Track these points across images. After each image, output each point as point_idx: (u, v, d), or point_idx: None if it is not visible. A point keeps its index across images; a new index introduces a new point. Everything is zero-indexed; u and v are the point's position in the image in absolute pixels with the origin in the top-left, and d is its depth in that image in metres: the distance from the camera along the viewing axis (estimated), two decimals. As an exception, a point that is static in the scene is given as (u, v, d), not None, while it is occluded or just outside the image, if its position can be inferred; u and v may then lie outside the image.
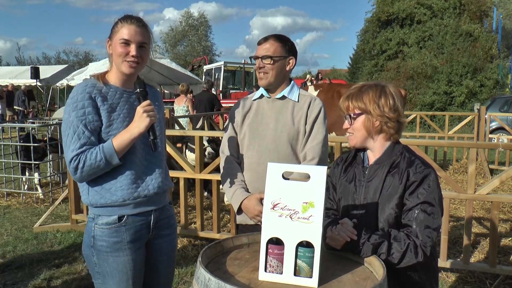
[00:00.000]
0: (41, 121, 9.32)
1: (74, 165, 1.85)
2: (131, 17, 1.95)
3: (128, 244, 1.95)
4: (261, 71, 2.29)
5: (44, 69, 21.23)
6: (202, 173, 4.50)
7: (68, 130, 1.87)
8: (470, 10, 22.79)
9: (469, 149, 3.88)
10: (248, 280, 1.48)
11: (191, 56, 39.77)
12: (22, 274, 4.01)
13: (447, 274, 3.90)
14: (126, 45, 1.90)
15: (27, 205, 6.50)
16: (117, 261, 1.94)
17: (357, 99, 1.82)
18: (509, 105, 12.43)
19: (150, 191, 1.98)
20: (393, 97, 1.80)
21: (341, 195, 1.92)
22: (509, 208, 5.86)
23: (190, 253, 4.46)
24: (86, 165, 1.85)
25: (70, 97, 1.91)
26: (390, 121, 1.79)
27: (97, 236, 1.94)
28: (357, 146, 1.88)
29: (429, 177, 1.74)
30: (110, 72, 2.00)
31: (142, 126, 1.88)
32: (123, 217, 1.94)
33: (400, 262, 1.66)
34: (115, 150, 1.87)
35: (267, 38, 2.30)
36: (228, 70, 19.01)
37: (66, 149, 1.88)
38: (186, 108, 9.28)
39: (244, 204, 2.25)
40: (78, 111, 1.87)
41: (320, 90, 8.43)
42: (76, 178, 1.90)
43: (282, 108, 2.33)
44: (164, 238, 2.11)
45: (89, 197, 1.94)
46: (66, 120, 1.89)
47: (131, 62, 1.92)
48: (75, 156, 1.85)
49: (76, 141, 1.85)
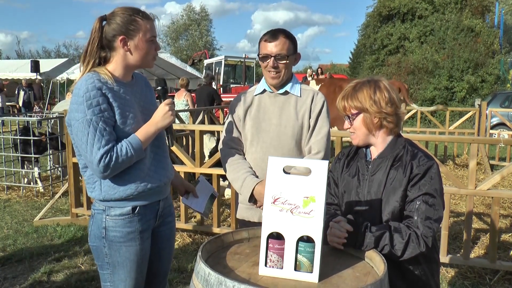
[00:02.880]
0: (41, 115, 9.31)
1: (105, 163, 1.82)
2: (147, 13, 1.97)
3: (140, 233, 1.99)
4: (274, 70, 2.23)
5: (44, 62, 21.18)
6: (202, 167, 4.50)
7: (87, 128, 1.81)
8: (472, 5, 22.69)
9: (470, 144, 3.87)
10: (248, 275, 1.47)
11: (192, 50, 39.69)
12: (22, 267, 4.02)
13: (447, 269, 3.90)
14: (153, 42, 1.96)
15: (27, 198, 6.50)
16: (130, 251, 1.97)
17: (352, 99, 1.82)
18: (510, 100, 12.41)
19: (161, 182, 2.03)
20: (388, 90, 1.80)
21: (344, 190, 1.92)
22: (509, 203, 5.86)
23: (189, 248, 4.46)
24: (118, 162, 1.84)
25: (79, 95, 1.83)
26: (389, 116, 1.79)
27: (110, 227, 1.95)
28: (360, 144, 1.88)
29: (432, 169, 1.74)
30: (111, 66, 1.96)
31: (166, 122, 1.97)
32: (136, 207, 1.97)
33: (404, 254, 1.66)
34: (142, 144, 1.91)
35: (276, 35, 2.22)
36: (228, 64, 18.95)
37: (90, 148, 1.81)
38: (186, 102, 9.26)
39: (256, 190, 2.21)
40: (94, 108, 1.82)
41: (322, 84, 8.40)
42: (106, 175, 1.86)
43: (285, 103, 2.32)
44: (168, 225, 2.18)
45: (102, 192, 1.93)
46: (82, 118, 1.82)
47: (155, 56, 2.01)
48: (105, 154, 1.82)
49: (100, 139, 1.82)
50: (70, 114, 1.87)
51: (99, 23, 1.92)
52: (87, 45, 1.94)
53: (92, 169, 1.87)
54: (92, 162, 1.83)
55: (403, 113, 1.84)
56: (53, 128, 7.44)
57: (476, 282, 3.72)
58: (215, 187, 4.48)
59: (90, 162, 1.84)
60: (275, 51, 2.21)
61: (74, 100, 1.86)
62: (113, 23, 1.91)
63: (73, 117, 1.85)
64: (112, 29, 1.91)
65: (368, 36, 26.29)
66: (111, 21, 1.91)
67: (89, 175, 1.96)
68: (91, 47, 1.92)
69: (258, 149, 2.32)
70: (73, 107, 1.86)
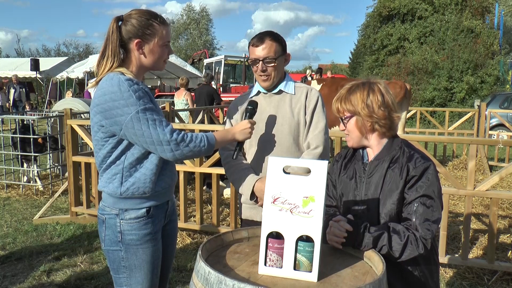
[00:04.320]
0: (41, 113, 9.31)
1: (179, 137, 1.86)
2: (162, 17, 2.00)
3: (155, 234, 2.02)
4: (263, 74, 2.26)
5: (44, 61, 21.15)
6: (202, 167, 4.50)
7: (145, 116, 1.83)
8: (472, 6, 22.69)
9: (469, 145, 3.88)
10: (248, 274, 1.48)
11: (191, 49, 39.69)
12: (22, 266, 4.02)
13: (445, 270, 3.91)
14: (167, 46, 2.01)
15: (26, 197, 6.50)
16: (146, 253, 1.99)
17: (345, 102, 1.82)
18: (509, 101, 12.40)
19: (172, 181, 2.08)
20: (382, 93, 1.79)
21: (342, 192, 1.92)
22: (507, 204, 5.87)
23: (189, 247, 4.47)
24: (191, 144, 1.89)
25: (121, 91, 1.83)
26: (380, 120, 1.78)
27: (125, 230, 1.96)
28: (355, 146, 1.89)
29: (428, 170, 1.74)
30: (128, 66, 1.98)
31: (241, 137, 2.14)
32: (150, 209, 1.99)
33: (402, 255, 1.66)
34: (216, 142, 2.00)
35: (262, 39, 2.25)
36: (228, 64, 18.92)
37: (154, 130, 1.83)
38: (186, 102, 9.27)
39: (257, 186, 2.22)
40: (143, 98, 1.86)
41: (323, 84, 8.38)
42: (176, 153, 1.87)
43: (280, 101, 2.34)
44: (172, 224, 2.22)
45: (121, 186, 1.93)
46: (136, 110, 1.82)
47: (167, 60, 2.06)
48: (176, 130, 1.87)
49: (163, 121, 1.87)
50: (116, 115, 1.84)
51: (115, 23, 1.94)
52: (106, 45, 1.94)
53: (162, 150, 1.86)
54: (162, 140, 1.84)
55: (397, 116, 1.82)
56: (52, 127, 7.42)
57: (474, 282, 3.73)
58: (214, 186, 4.48)
59: (159, 142, 1.84)
60: (263, 54, 2.23)
61: (116, 97, 1.83)
62: (129, 25, 1.93)
63: (121, 114, 1.83)
64: (128, 31, 1.93)
65: (368, 36, 26.29)
66: (127, 23, 1.94)
67: (111, 167, 1.94)
68: (112, 46, 1.92)
69: (258, 148, 2.34)
70: (117, 104, 1.83)
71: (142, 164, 1.95)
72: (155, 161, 1.95)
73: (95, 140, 1.97)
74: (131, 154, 1.93)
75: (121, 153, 1.93)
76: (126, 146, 1.92)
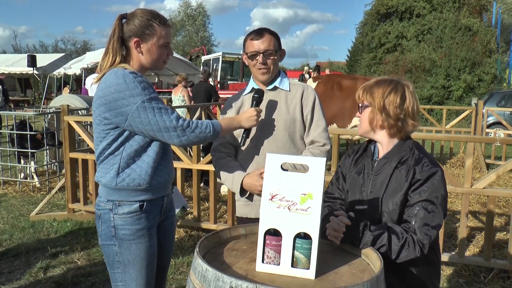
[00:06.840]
0: (38, 110, 9.27)
1: (185, 123, 1.91)
2: (164, 18, 2.03)
3: (148, 230, 2.02)
4: (264, 66, 2.28)
5: (41, 57, 21.06)
6: (199, 164, 4.50)
7: (150, 105, 1.87)
8: (470, 4, 22.73)
9: (466, 143, 3.88)
10: (245, 271, 1.48)
11: (189, 46, 39.62)
12: (19, 262, 4.01)
13: (442, 267, 3.92)
14: (166, 47, 2.03)
15: (23, 193, 6.49)
16: (140, 248, 1.99)
17: (368, 91, 1.84)
18: (506, 99, 12.45)
19: (168, 177, 2.08)
20: (404, 97, 1.78)
21: (349, 187, 1.93)
22: (504, 202, 5.89)
23: (186, 244, 4.47)
24: (197, 130, 1.94)
25: (127, 82, 1.87)
26: (390, 120, 1.79)
27: (118, 225, 1.97)
28: (362, 135, 1.91)
29: (435, 176, 1.73)
30: (130, 64, 2.02)
31: (248, 124, 2.16)
32: (143, 204, 1.99)
33: (398, 256, 1.66)
34: (221, 129, 2.04)
35: (261, 33, 2.28)
36: (226, 61, 18.89)
37: (160, 117, 1.87)
38: (182, 98, 9.27)
39: (245, 182, 2.24)
40: (147, 89, 1.90)
41: (319, 81, 8.36)
42: (183, 139, 1.92)
43: (275, 98, 2.35)
44: (169, 220, 2.21)
45: (117, 177, 1.95)
46: (141, 100, 1.86)
47: (167, 60, 2.10)
48: (183, 118, 1.92)
49: (169, 109, 1.92)
50: (121, 105, 1.88)
51: (119, 21, 1.99)
52: (109, 41, 1.99)
53: (169, 136, 1.91)
54: (169, 126, 1.89)
55: (412, 124, 1.81)
56: (49, 124, 7.40)
57: (470, 280, 3.74)
58: (212, 183, 4.48)
59: (166, 128, 1.89)
60: (263, 47, 2.25)
61: (122, 88, 1.87)
62: (131, 24, 1.98)
63: (126, 104, 1.87)
64: (129, 29, 1.98)
65: (366, 34, 26.31)
66: (130, 21, 1.98)
67: (109, 157, 1.97)
68: (113, 43, 1.98)
69: (253, 145, 2.34)
70: (123, 95, 1.87)
71: (139, 156, 1.97)
72: (152, 155, 1.97)
73: (97, 132, 1.99)
74: (129, 146, 1.95)
75: (120, 144, 1.95)
76: (125, 138, 1.95)
